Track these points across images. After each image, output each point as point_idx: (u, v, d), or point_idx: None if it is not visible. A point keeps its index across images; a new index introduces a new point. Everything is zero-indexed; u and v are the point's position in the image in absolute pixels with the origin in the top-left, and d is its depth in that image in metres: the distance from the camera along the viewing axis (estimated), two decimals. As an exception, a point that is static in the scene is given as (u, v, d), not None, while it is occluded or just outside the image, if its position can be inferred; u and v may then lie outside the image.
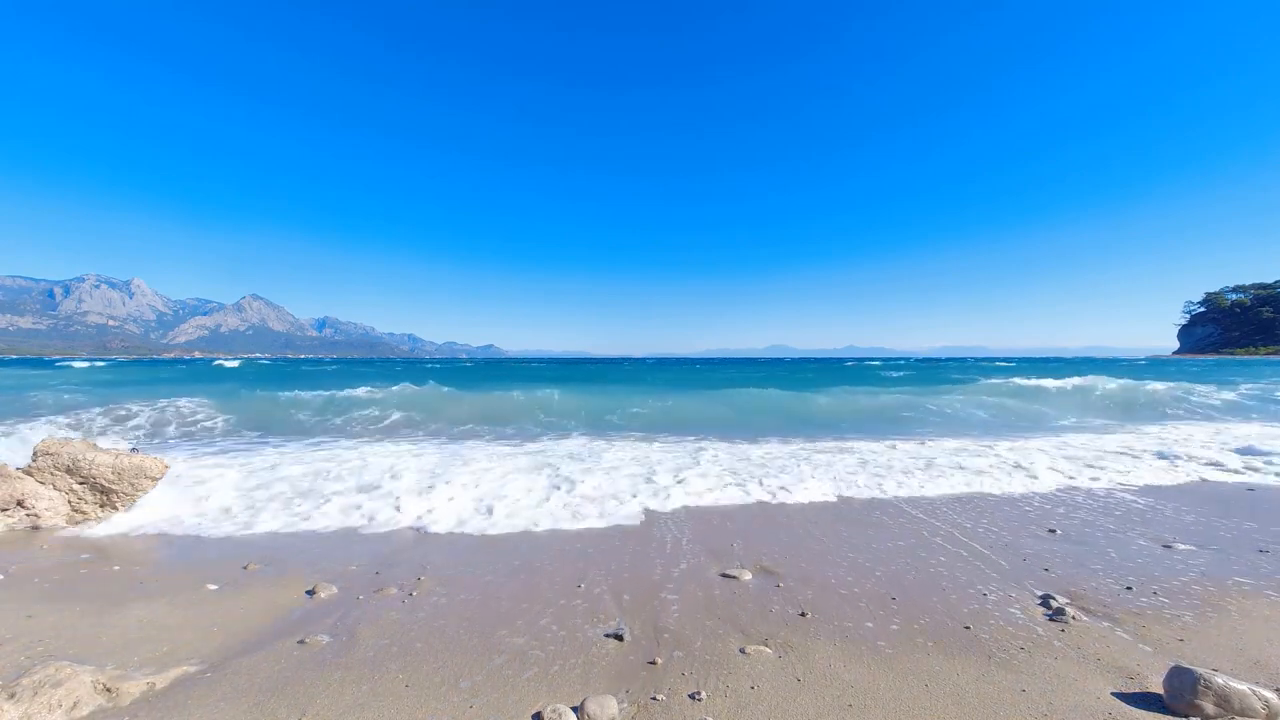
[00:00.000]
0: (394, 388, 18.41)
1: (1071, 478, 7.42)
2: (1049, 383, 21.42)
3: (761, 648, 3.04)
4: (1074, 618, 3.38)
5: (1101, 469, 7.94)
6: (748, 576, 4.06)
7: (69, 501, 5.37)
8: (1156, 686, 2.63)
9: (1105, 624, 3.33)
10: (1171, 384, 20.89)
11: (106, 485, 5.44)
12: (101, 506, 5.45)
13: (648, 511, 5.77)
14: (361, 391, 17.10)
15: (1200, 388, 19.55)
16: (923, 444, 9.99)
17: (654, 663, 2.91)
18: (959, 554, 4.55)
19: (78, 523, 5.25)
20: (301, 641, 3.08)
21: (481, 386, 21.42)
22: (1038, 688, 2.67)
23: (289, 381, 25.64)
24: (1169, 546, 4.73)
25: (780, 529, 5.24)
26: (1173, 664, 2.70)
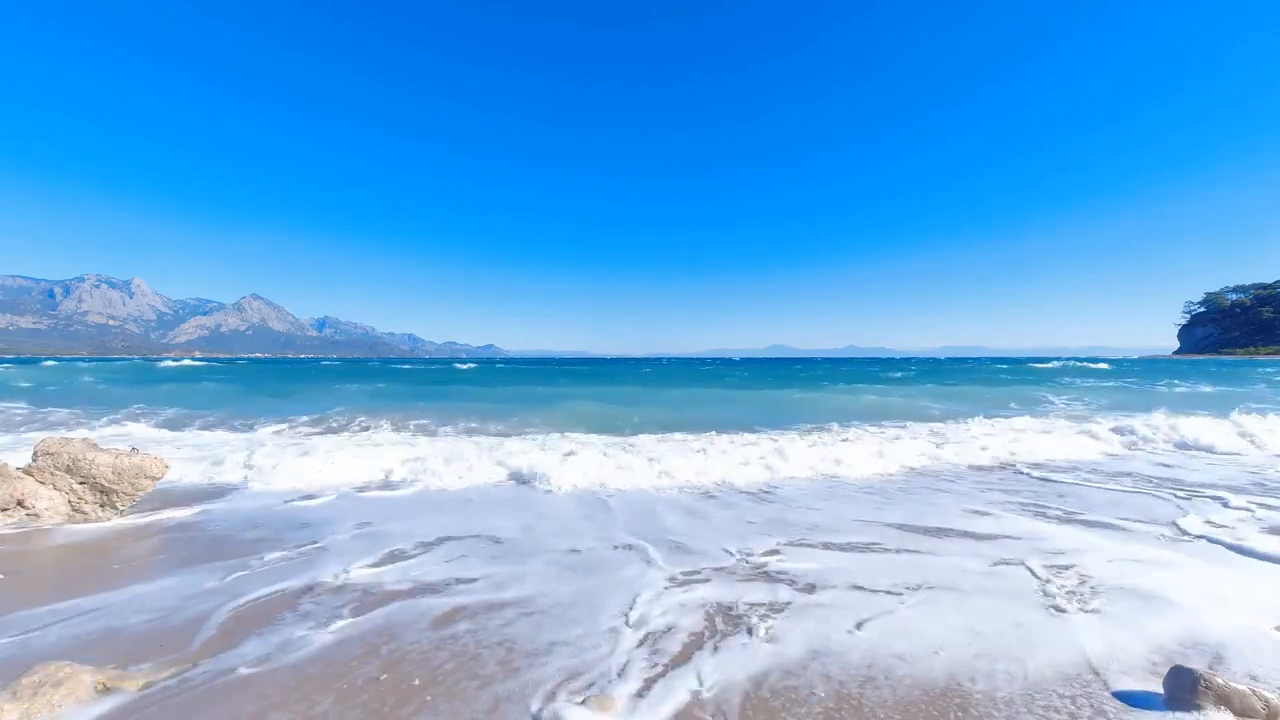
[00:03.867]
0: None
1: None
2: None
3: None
4: (1074, 615, 3.38)
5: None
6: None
7: (69, 501, 5.36)
8: (1156, 686, 2.63)
9: (1106, 622, 3.33)
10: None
11: (107, 485, 5.44)
12: (101, 506, 5.45)
13: None
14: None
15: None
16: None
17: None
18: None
19: (77, 522, 5.25)
20: (302, 639, 3.08)
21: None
22: (1038, 686, 2.67)
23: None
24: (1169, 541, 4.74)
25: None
26: (1173, 664, 2.70)
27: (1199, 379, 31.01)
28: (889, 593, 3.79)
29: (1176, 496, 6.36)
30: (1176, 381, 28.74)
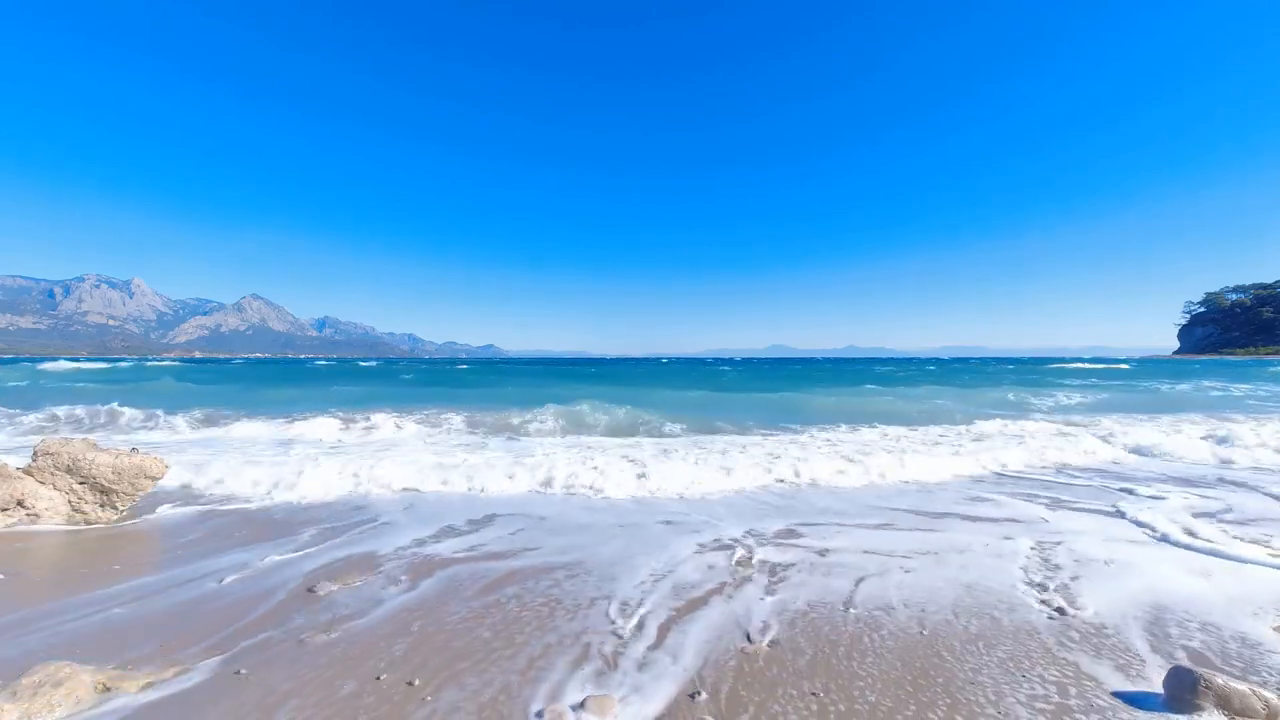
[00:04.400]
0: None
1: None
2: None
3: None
4: (1074, 616, 3.39)
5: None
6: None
7: (69, 501, 5.36)
8: (1156, 686, 2.64)
9: (1105, 623, 3.33)
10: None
11: (106, 485, 5.44)
12: (101, 506, 5.45)
13: None
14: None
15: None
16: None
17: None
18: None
19: (77, 522, 5.25)
20: (301, 640, 3.08)
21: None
22: (1037, 686, 2.67)
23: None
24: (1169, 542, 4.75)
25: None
26: (1173, 664, 2.71)
27: (1226, 379, 30.51)
28: (888, 556, 4.48)
29: (1142, 493, 6.60)
30: (1205, 382, 28.22)
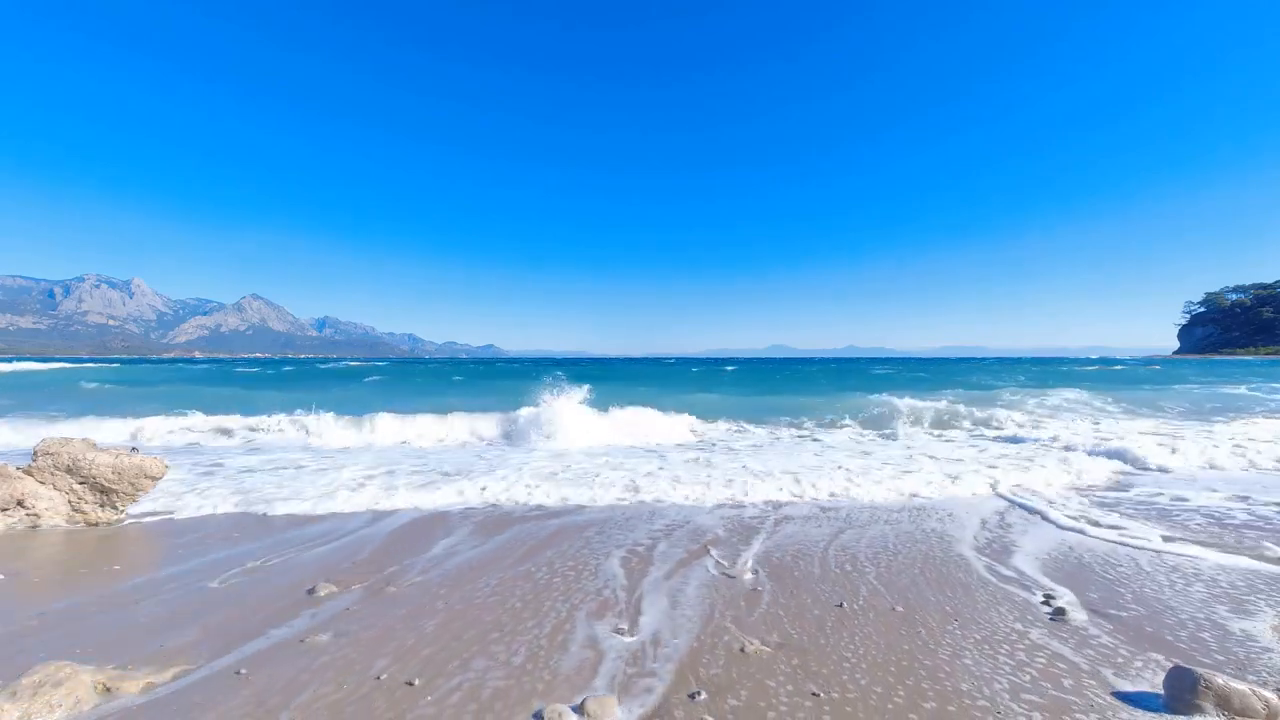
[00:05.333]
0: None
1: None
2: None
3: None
4: (1074, 617, 3.38)
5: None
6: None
7: (69, 501, 5.36)
8: (1157, 686, 2.63)
9: (1106, 624, 3.33)
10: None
11: (107, 485, 5.44)
12: (101, 506, 5.45)
13: None
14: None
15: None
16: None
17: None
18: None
19: (77, 522, 5.25)
20: (301, 640, 3.08)
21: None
22: (1038, 687, 2.67)
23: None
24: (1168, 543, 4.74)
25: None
26: (1173, 664, 2.70)
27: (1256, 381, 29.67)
28: (872, 511, 5.90)
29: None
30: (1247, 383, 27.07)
